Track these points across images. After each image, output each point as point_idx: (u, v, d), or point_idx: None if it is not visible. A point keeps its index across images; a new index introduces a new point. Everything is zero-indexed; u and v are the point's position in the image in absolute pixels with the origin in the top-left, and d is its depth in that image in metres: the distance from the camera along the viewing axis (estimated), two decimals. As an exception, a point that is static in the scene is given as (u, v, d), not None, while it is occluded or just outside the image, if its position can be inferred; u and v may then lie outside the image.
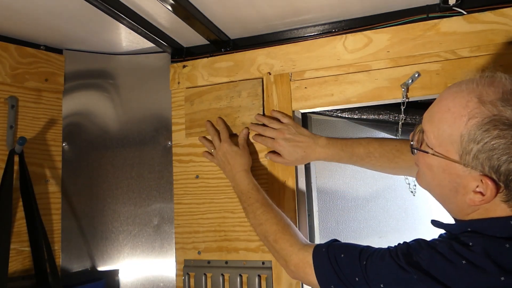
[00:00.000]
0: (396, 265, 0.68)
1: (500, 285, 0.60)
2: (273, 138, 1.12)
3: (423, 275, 0.65)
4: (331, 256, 0.80)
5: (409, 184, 1.25)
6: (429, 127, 0.71)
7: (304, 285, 1.14)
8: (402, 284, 0.67)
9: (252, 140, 1.21)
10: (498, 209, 0.66)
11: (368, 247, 0.78)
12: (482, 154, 0.63)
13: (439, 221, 0.77)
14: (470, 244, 0.64)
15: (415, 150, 0.75)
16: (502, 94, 0.62)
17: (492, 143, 0.62)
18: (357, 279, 0.74)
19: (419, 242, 0.71)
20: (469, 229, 0.69)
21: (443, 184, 0.71)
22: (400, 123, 1.18)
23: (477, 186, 0.65)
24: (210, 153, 1.22)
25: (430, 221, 0.79)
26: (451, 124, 0.66)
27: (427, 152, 0.71)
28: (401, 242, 0.74)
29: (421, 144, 0.74)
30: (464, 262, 0.63)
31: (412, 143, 0.76)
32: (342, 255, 0.79)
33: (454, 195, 0.70)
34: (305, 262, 0.85)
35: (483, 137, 0.62)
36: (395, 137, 1.39)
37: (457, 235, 0.69)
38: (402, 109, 1.11)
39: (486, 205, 0.67)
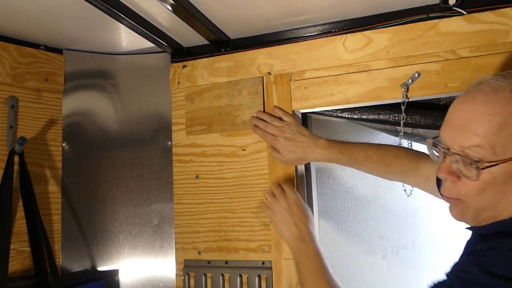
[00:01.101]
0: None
1: None
2: (274, 135, 1.12)
3: (488, 276, 0.59)
4: None
5: (403, 184, 1.25)
6: (479, 141, 0.65)
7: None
8: None
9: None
10: None
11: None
12: None
13: (478, 226, 0.71)
14: None
15: (474, 176, 0.66)
16: None
17: None
18: None
19: (468, 260, 0.66)
20: None
21: (508, 190, 0.66)
22: (401, 123, 1.18)
23: None
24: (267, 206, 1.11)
25: (466, 228, 0.73)
26: (506, 124, 0.64)
27: (494, 165, 0.64)
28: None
29: (463, 169, 0.67)
30: None
31: (465, 173, 0.67)
32: None
33: None
34: None
35: None
36: (389, 137, 1.40)
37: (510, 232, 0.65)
38: (403, 109, 1.11)
39: None
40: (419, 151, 1.06)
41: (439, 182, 0.90)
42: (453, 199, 0.72)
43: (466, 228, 0.73)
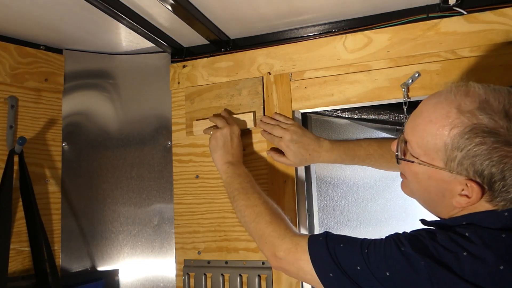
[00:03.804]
0: (401, 252, 0.68)
1: (499, 274, 0.62)
2: (280, 138, 1.12)
3: (430, 261, 0.65)
4: (329, 245, 0.78)
5: None
6: (413, 138, 0.74)
7: (305, 285, 1.15)
8: (409, 271, 0.67)
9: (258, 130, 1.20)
10: (482, 209, 0.70)
11: (366, 238, 0.78)
12: (467, 160, 0.67)
13: (429, 220, 0.79)
14: (467, 234, 0.67)
15: (400, 160, 0.78)
16: (479, 103, 0.67)
17: (474, 149, 0.65)
18: (358, 267, 0.72)
19: (419, 232, 0.72)
20: (463, 223, 0.71)
21: (429, 190, 0.74)
22: (404, 123, 1.18)
23: (463, 190, 0.69)
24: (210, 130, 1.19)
25: (419, 220, 0.81)
26: (435, 135, 0.70)
27: (412, 162, 0.74)
28: (400, 232, 0.74)
29: (405, 154, 0.77)
30: (465, 253, 0.64)
31: (397, 153, 0.78)
32: (342, 245, 0.77)
33: (441, 199, 0.73)
34: (299, 246, 0.82)
35: (466, 144, 0.66)
36: (392, 137, 1.40)
37: (453, 226, 0.71)
38: (405, 109, 1.11)
39: (471, 206, 0.70)
40: None
41: None
42: (402, 174, 0.83)
43: (419, 220, 0.82)
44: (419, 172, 0.74)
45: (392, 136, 1.47)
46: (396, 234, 0.74)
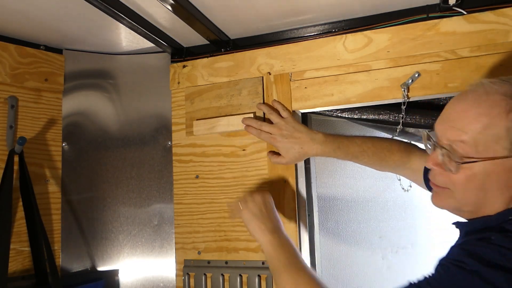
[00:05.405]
0: (470, 272, 0.61)
1: None
2: (270, 134, 1.12)
3: (506, 273, 0.59)
4: None
5: (400, 180, 1.28)
6: (465, 137, 0.69)
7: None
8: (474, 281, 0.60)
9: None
10: None
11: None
12: None
13: (466, 221, 0.75)
14: None
15: (455, 169, 0.70)
16: None
17: None
18: None
19: (468, 243, 0.68)
20: (510, 217, 0.68)
21: (487, 188, 0.69)
22: (400, 123, 1.19)
23: None
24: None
25: (452, 223, 0.76)
26: (490, 125, 0.67)
27: (476, 161, 0.68)
28: (441, 258, 0.68)
29: (447, 162, 0.71)
30: None
31: (447, 166, 0.71)
32: None
33: (503, 192, 0.69)
34: None
35: None
36: (387, 136, 1.40)
37: (499, 225, 0.68)
38: (403, 109, 1.11)
39: None
40: (410, 144, 1.10)
41: (426, 174, 0.94)
42: (440, 187, 0.76)
43: (453, 223, 0.77)
44: (478, 172, 0.69)
45: (388, 136, 1.47)
46: (446, 258, 0.67)
